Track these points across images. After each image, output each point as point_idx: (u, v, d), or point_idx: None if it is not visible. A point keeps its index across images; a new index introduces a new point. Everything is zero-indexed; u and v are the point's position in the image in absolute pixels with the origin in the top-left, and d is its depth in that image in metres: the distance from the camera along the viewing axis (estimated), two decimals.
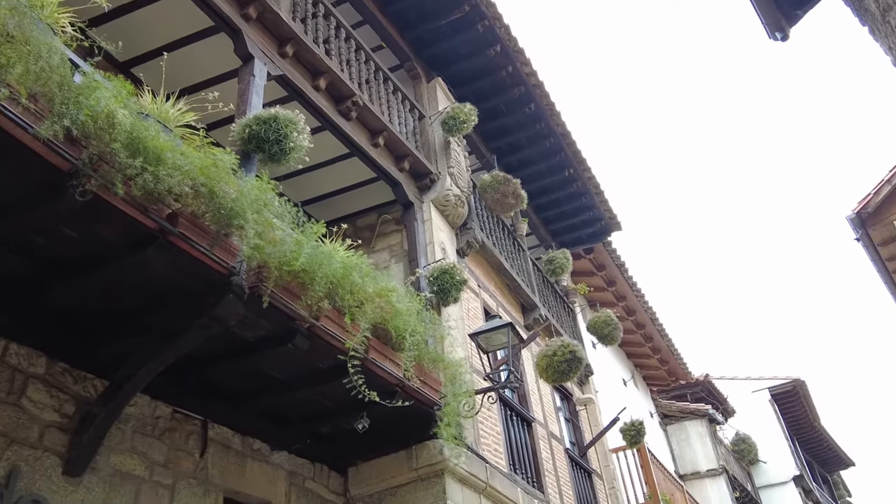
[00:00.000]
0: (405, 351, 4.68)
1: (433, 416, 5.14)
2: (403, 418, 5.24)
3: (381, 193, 7.27)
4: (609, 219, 11.15)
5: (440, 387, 5.31)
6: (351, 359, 4.21)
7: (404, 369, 4.68)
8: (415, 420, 5.27)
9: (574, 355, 6.82)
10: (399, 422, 5.30)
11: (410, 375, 4.87)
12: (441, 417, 5.17)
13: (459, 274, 6.30)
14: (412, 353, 4.83)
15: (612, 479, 9.72)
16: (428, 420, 5.32)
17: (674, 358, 15.15)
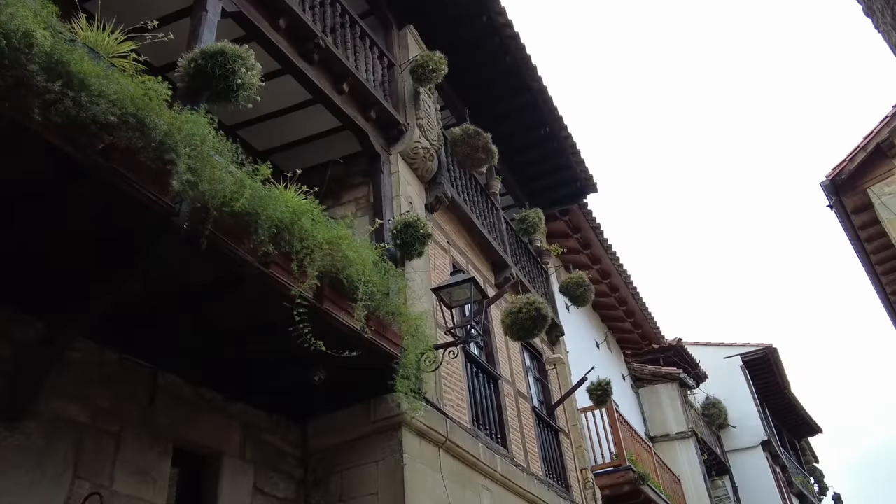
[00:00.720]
0: (358, 301, 4.55)
1: (392, 370, 5.04)
2: (362, 371, 5.16)
3: (347, 144, 7.07)
4: (585, 180, 11.02)
5: (399, 340, 5.21)
6: (297, 307, 4.07)
7: (357, 320, 4.55)
8: (373, 373, 5.18)
9: (539, 312, 6.73)
10: (358, 375, 5.21)
11: (365, 327, 4.75)
12: (400, 371, 5.07)
13: (424, 227, 6.15)
14: (367, 304, 4.71)
15: (580, 439, 9.74)
16: (386, 373, 5.23)
17: (647, 322, 15.20)
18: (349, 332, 4.76)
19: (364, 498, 5.22)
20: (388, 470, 5.23)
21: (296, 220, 4.27)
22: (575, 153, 10.58)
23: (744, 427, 18.14)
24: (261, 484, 5.15)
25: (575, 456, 9.53)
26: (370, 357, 5.05)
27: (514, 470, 7.05)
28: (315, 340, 4.14)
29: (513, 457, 7.31)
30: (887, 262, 12.57)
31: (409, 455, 5.30)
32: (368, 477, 5.29)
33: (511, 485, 6.88)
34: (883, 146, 10.82)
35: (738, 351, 19.34)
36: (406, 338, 5.52)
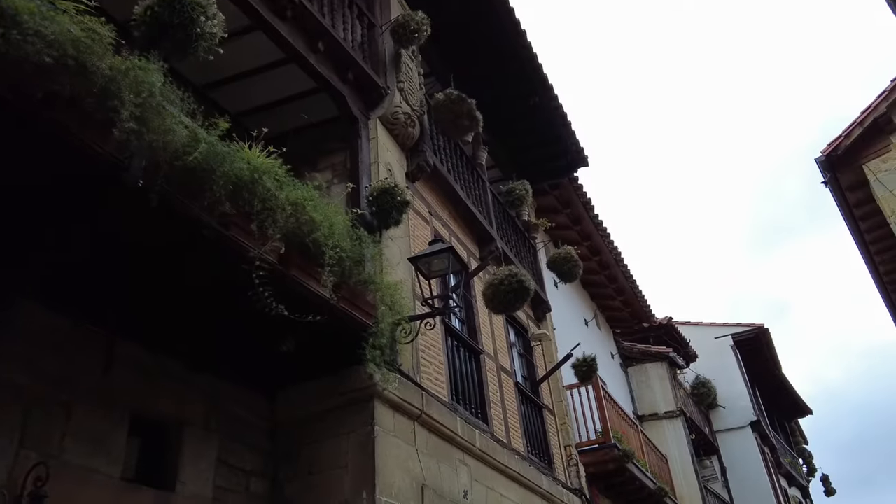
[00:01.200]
0: (325, 266, 4.32)
1: (364, 340, 4.82)
2: (333, 341, 4.95)
3: (324, 108, 6.78)
4: (576, 153, 10.76)
5: (372, 310, 4.98)
6: (257, 270, 3.84)
7: (324, 286, 4.32)
8: (345, 343, 4.94)
9: (521, 284, 6.51)
10: (329, 345, 5.00)
11: (333, 294, 4.52)
12: (371, 341, 4.85)
13: (402, 194, 5.90)
14: (335, 270, 4.48)
15: (565, 416, 9.59)
16: (359, 344, 5.01)
17: (637, 300, 15.00)
18: (318, 300, 4.55)
19: (333, 471, 5.03)
20: (358, 443, 5.04)
21: (257, 179, 4.03)
22: (566, 125, 10.31)
23: (733, 407, 18.04)
24: (225, 456, 4.95)
25: (559, 433, 9.38)
26: (341, 326, 4.84)
27: (494, 445, 6.88)
28: (277, 305, 3.91)
29: (493, 432, 7.14)
30: (881, 242, 12.36)
31: (381, 428, 5.11)
32: (338, 450, 5.10)
33: (490, 460, 6.71)
34: (880, 121, 10.58)
35: (729, 331, 19.20)
36: (380, 308, 5.31)
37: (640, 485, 10.46)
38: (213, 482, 4.78)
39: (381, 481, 4.86)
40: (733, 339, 18.98)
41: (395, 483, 5.03)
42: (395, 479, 5.05)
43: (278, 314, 3.96)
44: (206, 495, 4.70)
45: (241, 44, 6.05)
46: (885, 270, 12.64)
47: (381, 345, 5.11)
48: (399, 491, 5.04)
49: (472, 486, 6.23)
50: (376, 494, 4.77)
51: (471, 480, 6.27)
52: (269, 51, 6.05)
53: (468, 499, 6.08)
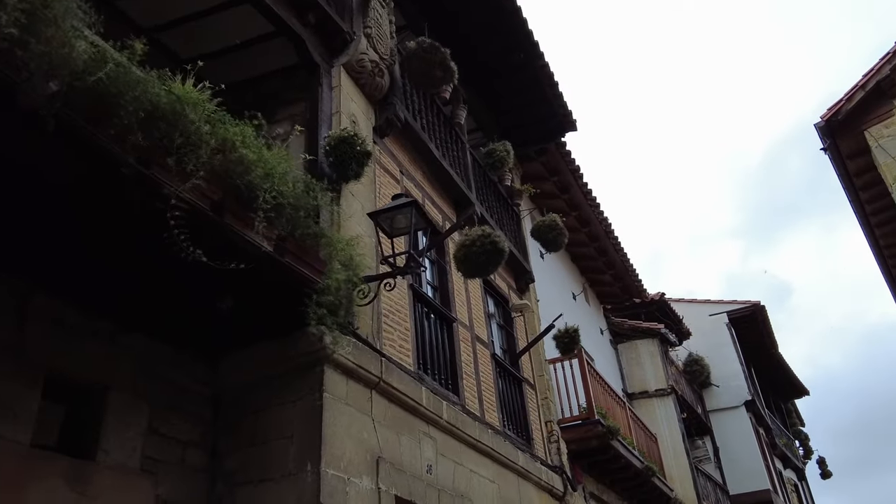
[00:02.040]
0: (258, 211, 3.85)
1: (308, 297, 4.36)
2: (279, 300, 4.50)
3: (285, 55, 6.28)
4: (563, 116, 10.24)
5: (322, 265, 4.52)
6: (172, 209, 3.38)
7: (258, 233, 3.86)
8: (293, 303, 4.48)
9: (495, 246, 6.04)
10: (275, 305, 4.56)
11: (274, 245, 4.07)
12: (317, 299, 4.39)
13: (362, 144, 5.42)
14: (276, 219, 4.02)
15: (546, 390, 9.17)
16: (308, 304, 4.57)
17: (628, 275, 14.55)
18: (257, 252, 4.10)
19: (277, 442, 4.60)
20: (305, 411, 4.60)
21: (179, 110, 3.56)
22: (552, 85, 9.79)
23: (727, 386, 17.66)
24: (158, 424, 4.51)
25: (540, 408, 8.97)
26: (285, 283, 4.39)
27: (464, 418, 6.45)
28: (193, 250, 3.46)
29: (465, 404, 6.71)
30: (882, 213, 11.89)
31: (332, 395, 4.66)
32: (284, 419, 4.66)
33: (459, 433, 6.29)
34: (883, 85, 10.05)
35: (724, 308, 18.78)
36: (335, 266, 4.86)
37: (626, 463, 10.07)
38: (141, 452, 4.34)
39: (328, 452, 4.43)
40: (728, 317, 18.56)
41: (345, 454, 4.60)
42: (345, 450, 4.62)
43: (200, 262, 3.51)
44: (132, 466, 4.26)
45: None
46: (886, 244, 12.18)
47: (331, 305, 4.66)
48: (350, 463, 4.62)
49: (437, 461, 5.81)
50: (322, 466, 4.33)
51: (436, 454, 5.85)
52: None
53: (432, 473, 5.66)
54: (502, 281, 9.20)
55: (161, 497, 4.37)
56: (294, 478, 4.39)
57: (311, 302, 4.30)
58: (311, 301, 4.30)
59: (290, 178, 4.23)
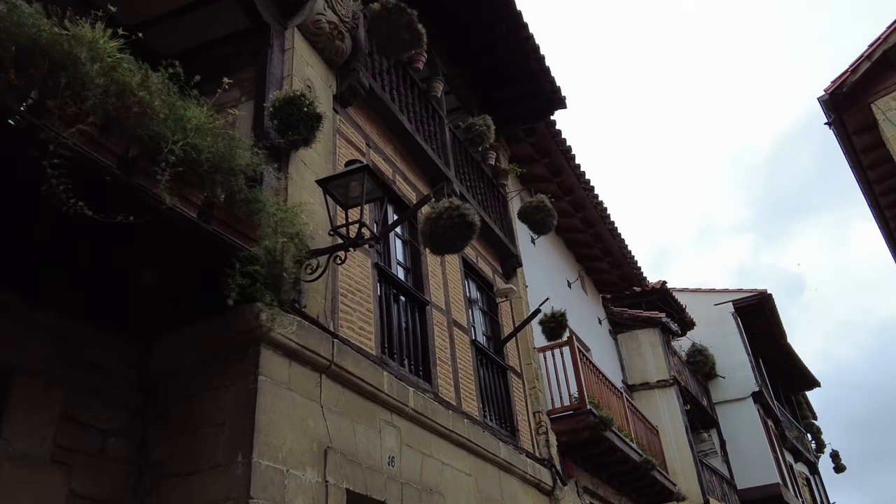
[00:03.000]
0: (164, 167, 3.38)
1: (231, 267, 3.89)
2: (207, 273, 4.03)
3: (236, 19, 5.82)
4: (552, 93, 9.73)
5: (254, 233, 4.06)
6: (51, 157, 2.92)
7: (164, 192, 3.38)
8: (224, 276, 4.02)
9: (463, 219, 5.57)
10: (205, 278, 4.08)
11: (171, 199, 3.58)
12: (249, 271, 3.93)
13: (310, 106, 4.95)
14: (179, 171, 3.54)
15: (535, 379, 8.68)
16: (244, 278, 4.11)
17: (627, 262, 14.01)
18: (179, 218, 3.66)
19: (208, 430, 4.14)
20: (238, 395, 4.13)
21: (67, 49, 3.11)
22: (538, 59, 9.28)
23: (734, 378, 17.07)
24: (74, 411, 4.06)
25: (528, 398, 8.48)
26: (213, 253, 3.94)
27: (435, 406, 5.97)
28: (75, 202, 2.99)
29: (437, 392, 6.24)
30: (892, 194, 11.34)
31: (269, 378, 4.20)
32: (216, 405, 4.20)
33: (429, 422, 5.81)
34: (890, 55, 9.49)
35: (729, 297, 18.17)
36: (268, 233, 4.40)
37: (623, 456, 9.55)
38: (52, 440, 3.88)
39: (261, 441, 3.96)
40: (734, 306, 17.97)
41: (284, 444, 4.13)
42: (284, 439, 4.15)
43: (83, 215, 3.04)
44: (41, 456, 3.81)
45: None
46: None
47: (270, 278, 4.22)
48: (290, 453, 4.15)
49: (401, 452, 5.34)
50: (253, 456, 3.87)
51: (400, 445, 5.37)
52: None
53: (394, 466, 5.18)
54: (486, 264, 8.72)
55: (76, 491, 3.92)
56: (224, 469, 3.93)
57: (233, 272, 3.84)
58: (235, 271, 3.84)
59: (210, 133, 3.76)
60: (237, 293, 3.82)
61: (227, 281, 3.80)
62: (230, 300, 3.77)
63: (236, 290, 3.79)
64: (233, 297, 3.78)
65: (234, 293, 3.77)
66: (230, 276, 3.82)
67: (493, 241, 8.97)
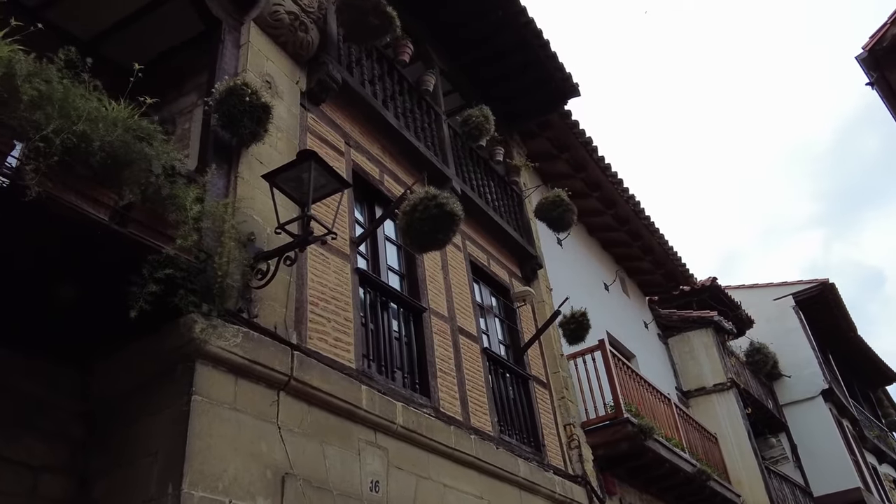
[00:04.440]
0: (35, 156, 2.94)
1: (144, 274, 3.42)
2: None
3: (191, 22, 5.44)
4: (562, 80, 9.10)
5: (168, 230, 3.59)
6: None
7: (32, 180, 2.93)
8: (162, 287, 3.55)
9: (441, 209, 5.00)
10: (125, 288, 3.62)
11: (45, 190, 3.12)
12: (162, 277, 3.45)
13: (254, 95, 4.49)
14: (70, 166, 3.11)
15: (563, 389, 7.96)
16: (180, 286, 3.65)
17: (670, 260, 13.11)
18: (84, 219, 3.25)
19: (143, 460, 3.65)
20: (171, 420, 3.63)
21: None
22: (543, 45, 8.68)
23: (800, 376, 15.81)
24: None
25: (556, 409, 7.77)
26: (133, 260, 3.48)
27: (431, 423, 5.37)
28: None
29: (438, 406, 5.63)
30: None
31: (206, 398, 3.69)
32: (151, 431, 3.72)
33: (424, 440, 5.21)
34: None
35: (788, 290, 16.92)
36: (225, 242, 3.94)
37: (672, 467, 8.70)
38: None
39: (194, 469, 3.44)
40: (795, 300, 16.71)
41: (226, 472, 3.60)
42: (226, 466, 3.62)
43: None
44: None
45: None
46: None
47: (196, 283, 3.75)
48: (234, 482, 3.61)
49: (387, 475, 4.74)
50: (184, 487, 3.35)
51: (387, 467, 4.78)
52: None
53: (379, 491, 4.59)
54: (501, 267, 8.10)
55: None
56: (156, 503, 3.43)
57: (147, 276, 3.36)
58: (147, 275, 3.36)
59: (114, 125, 3.31)
60: (149, 302, 3.35)
61: (132, 290, 3.33)
62: (133, 312, 3.29)
63: (143, 299, 3.31)
64: (139, 307, 3.30)
65: (138, 305, 3.29)
66: (137, 284, 3.34)
67: (508, 243, 8.35)
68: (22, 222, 3.31)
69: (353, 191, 5.90)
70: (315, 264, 5.03)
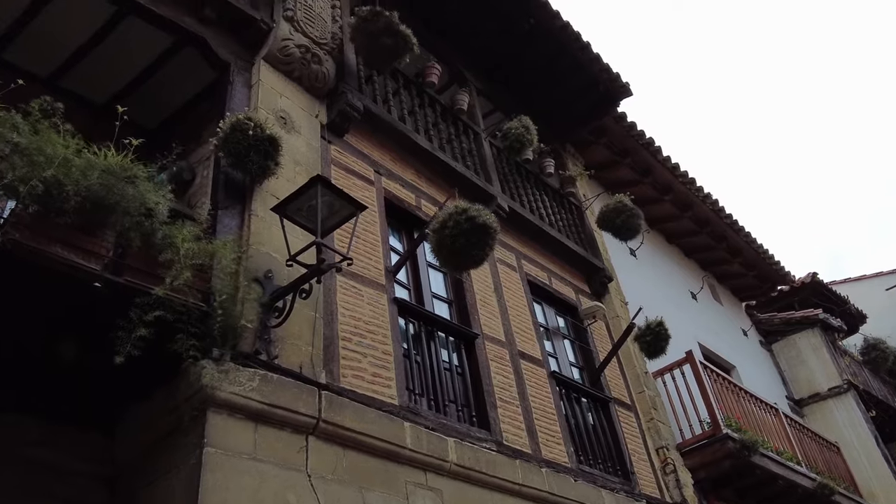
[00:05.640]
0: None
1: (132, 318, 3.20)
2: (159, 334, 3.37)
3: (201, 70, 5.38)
4: (609, 81, 8.61)
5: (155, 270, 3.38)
6: None
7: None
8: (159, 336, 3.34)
9: (472, 222, 4.62)
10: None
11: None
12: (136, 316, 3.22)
13: (260, 129, 4.30)
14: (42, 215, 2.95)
15: (651, 409, 7.29)
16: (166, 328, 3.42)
17: (762, 260, 12.11)
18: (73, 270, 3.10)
19: None
20: (186, 478, 3.36)
21: None
22: (583, 48, 8.25)
23: None
24: None
25: (647, 432, 7.11)
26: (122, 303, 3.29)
27: (492, 458, 4.91)
28: None
29: (500, 439, 5.17)
30: None
31: (221, 450, 3.40)
32: (168, 493, 3.45)
33: (485, 478, 4.75)
34: None
35: None
36: (230, 282, 3.73)
37: (788, 484, 7.80)
38: None
39: None
40: None
41: None
42: None
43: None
44: None
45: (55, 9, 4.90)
46: None
47: (228, 329, 3.54)
48: None
49: None
50: None
51: None
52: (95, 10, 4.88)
53: None
54: (565, 285, 7.58)
55: None
56: None
57: (136, 320, 3.14)
58: (136, 319, 3.14)
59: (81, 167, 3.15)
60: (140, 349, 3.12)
61: (119, 335, 3.11)
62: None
63: (132, 344, 3.08)
64: (126, 353, 3.07)
65: (124, 350, 3.07)
66: (124, 329, 3.12)
67: (570, 258, 7.84)
68: (14, 281, 3.19)
69: (386, 218, 5.64)
70: (346, 297, 4.74)
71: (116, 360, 3.05)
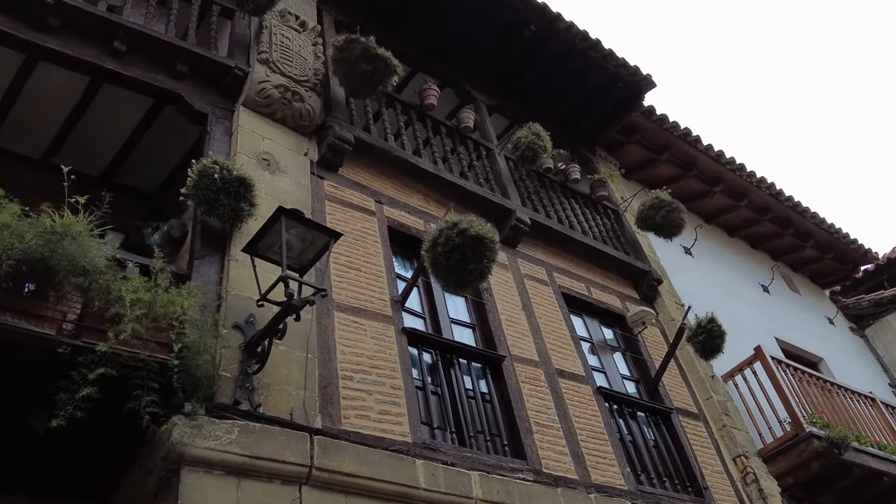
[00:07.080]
0: None
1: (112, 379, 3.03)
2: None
3: (184, 124, 5.33)
4: (628, 76, 8.18)
5: (103, 323, 3.21)
6: None
7: None
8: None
9: (464, 234, 4.29)
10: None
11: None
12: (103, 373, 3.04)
13: (227, 171, 4.15)
14: None
15: (722, 416, 6.64)
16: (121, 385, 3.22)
17: (837, 240, 11.12)
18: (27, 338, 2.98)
19: None
20: None
21: None
22: (594, 46, 7.88)
23: None
24: None
25: (719, 441, 6.47)
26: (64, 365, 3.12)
27: (528, 489, 4.47)
28: None
29: (538, 468, 4.72)
30: None
31: None
32: None
33: None
34: None
35: None
36: (193, 332, 3.54)
37: (894, 481, 6.92)
38: None
39: None
40: None
41: None
42: None
43: None
44: None
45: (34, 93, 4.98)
46: None
47: (198, 381, 3.34)
48: None
49: None
50: None
51: None
52: (68, 83, 4.93)
53: None
54: (607, 293, 7.08)
55: None
56: None
57: (78, 380, 2.95)
58: (78, 379, 2.96)
59: (11, 232, 3.03)
60: (84, 409, 2.92)
61: (60, 396, 2.93)
62: (55, 422, 2.87)
63: (73, 405, 2.89)
64: (66, 415, 2.88)
65: (69, 410, 2.88)
66: (66, 391, 2.94)
67: (611, 265, 7.35)
68: None
69: (390, 247, 5.38)
70: (346, 333, 4.47)
71: (53, 424, 2.86)
